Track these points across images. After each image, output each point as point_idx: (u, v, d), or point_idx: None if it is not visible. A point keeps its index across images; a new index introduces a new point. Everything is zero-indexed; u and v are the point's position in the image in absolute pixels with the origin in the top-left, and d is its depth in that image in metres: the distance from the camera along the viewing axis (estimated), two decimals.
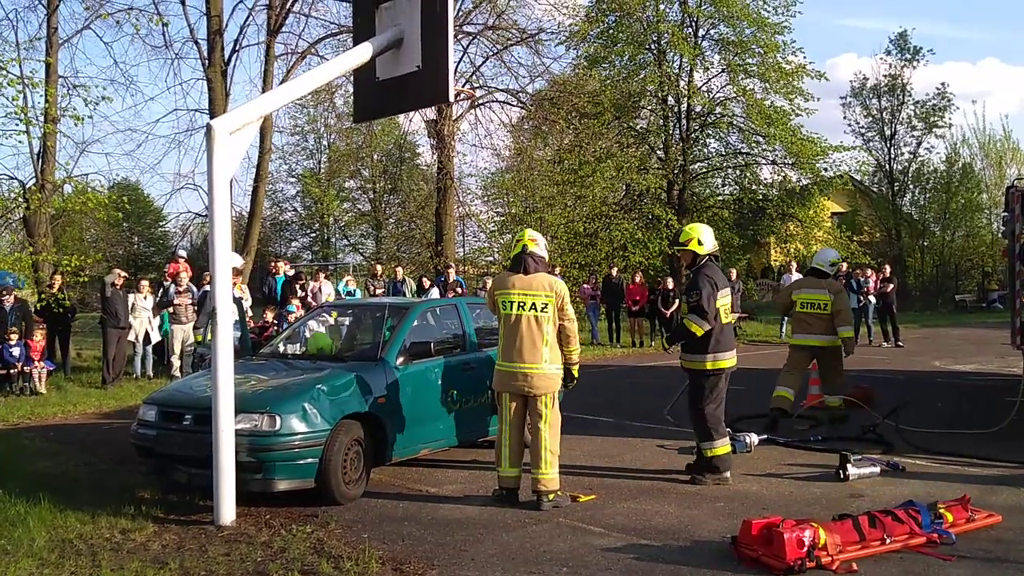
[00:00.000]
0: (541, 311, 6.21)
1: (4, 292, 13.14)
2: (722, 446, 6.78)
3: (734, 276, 20.95)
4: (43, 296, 13.80)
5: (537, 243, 6.45)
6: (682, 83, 27.84)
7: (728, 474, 6.80)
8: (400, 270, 18.12)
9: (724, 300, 6.83)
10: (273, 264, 16.30)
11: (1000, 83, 70.02)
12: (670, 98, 28.35)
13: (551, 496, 6.11)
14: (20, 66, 15.29)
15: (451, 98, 6.69)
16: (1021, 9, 69.46)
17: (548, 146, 27.03)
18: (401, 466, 7.23)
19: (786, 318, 20.08)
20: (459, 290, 16.67)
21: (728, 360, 6.84)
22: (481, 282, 17.76)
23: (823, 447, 7.89)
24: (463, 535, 5.53)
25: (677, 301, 19.03)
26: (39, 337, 13.07)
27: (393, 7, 6.84)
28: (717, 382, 6.82)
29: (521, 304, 6.22)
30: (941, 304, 31.92)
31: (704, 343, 6.73)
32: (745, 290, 24.97)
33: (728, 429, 8.04)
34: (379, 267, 19.03)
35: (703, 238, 6.93)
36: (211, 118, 14.49)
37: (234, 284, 9.55)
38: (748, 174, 29.88)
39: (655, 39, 27.85)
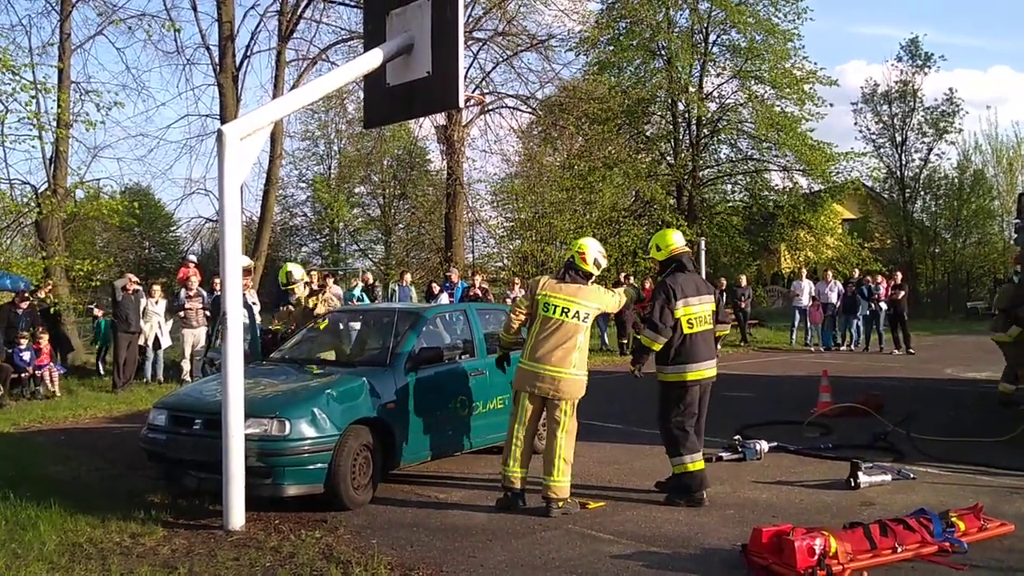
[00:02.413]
0: (583, 320, 6.24)
1: (17, 297, 13.22)
2: (692, 462, 6.32)
3: (744, 283, 20.90)
4: (45, 299, 13.88)
5: (586, 259, 6.38)
6: (691, 89, 27.85)
7: (703, 495, 6.31)
8: (408, 275, 18.12)
9: (693, 308, 6.39)
10: None
11: (1012, 91, 69.71)
12: (680, 104, 28.36)
13: (560, 504, 6.10)
14: (33, 71, 15.47)
15: (461, 104, 6.70)
16: None
17: (557, 152, 27.06)
18: (410, 472, 7.23)
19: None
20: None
21: (693, 372, 6.36)
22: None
23: (834, 455, 7.84)
24: (472, 541, 5.52)
25: None
26: (45, 341, 13.12)
27: (404, 13, 6.86)
28: (683, 395, 6.40)
29: (565, 310, 6.22)
30: (953, 311, 31.76)
31: (664, 355, 6.38)
32: (755, 297, 24.89)
33: (738, 437, 8.04)
34: (369, 275, 18.97)
35: (661, 243, 6.66)
36: (222, 123, 14.53)
37: (244, 287, 9.58)
38: (758, 180, 29.86)
39: (665, 45, 27.88)
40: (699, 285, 6.61)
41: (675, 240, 6.70)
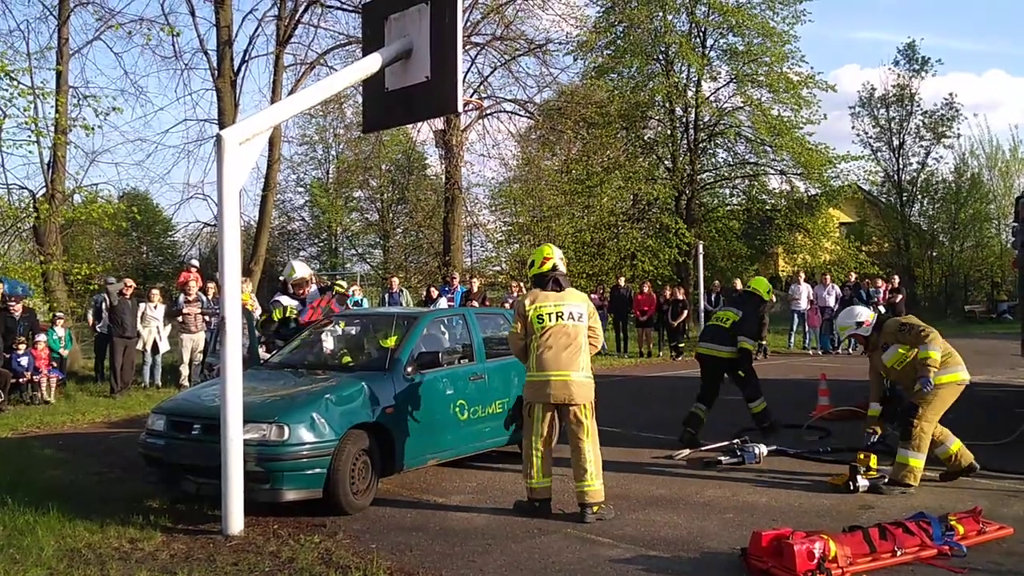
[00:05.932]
0: (578, 320, 6.27)
1: (13, 300, 13.19)
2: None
3: (738, 286, 20.93)
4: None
5: (554, 261, 6.52)
6: (690, 93, 27.86)
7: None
8: (395, 280, 18.06)
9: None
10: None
11: (1007, 95, 69.87)
12: (678, 108, 28.36)
13: (596, 508, 6.04)
14: (31, 76, 15.46)
15: (459, 108, 6.71)
16: None
17: (556, 156, 27.09)
18: (409, 476, 7.22)
19: (794, 327, 20.09)
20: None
21: None
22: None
23: (833, 458, 7.85)
24: (471, 545, 5.52)
25: (685, 312, 19.00)
26: (42, 346, 13.09)
27: (402, 18, 6.86)
28: None
29: (558, 315, 6.25)
30: (950, 315, 31.76)
31: None
32: None
33: (737, 440, 8.10)
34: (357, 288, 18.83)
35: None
36: (220, 128, 14.55)
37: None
38: (756, 184, 29.88)
39: (663, 50, 27.89)
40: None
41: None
